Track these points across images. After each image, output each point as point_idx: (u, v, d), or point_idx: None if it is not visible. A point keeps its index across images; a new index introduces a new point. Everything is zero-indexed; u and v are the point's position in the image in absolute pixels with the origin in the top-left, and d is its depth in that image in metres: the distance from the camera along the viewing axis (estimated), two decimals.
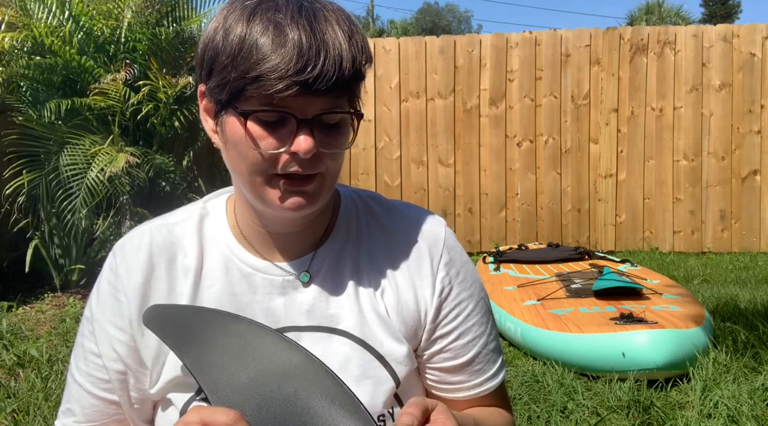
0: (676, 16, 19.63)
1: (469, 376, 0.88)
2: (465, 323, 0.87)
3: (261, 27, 0.70)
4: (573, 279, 3.85)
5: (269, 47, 0.69)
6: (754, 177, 6.29)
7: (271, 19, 0.70)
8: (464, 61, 6.45)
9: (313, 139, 0.72)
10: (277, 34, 0.69)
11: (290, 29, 0.69)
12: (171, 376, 0.80)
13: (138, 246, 0.84)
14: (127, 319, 0.82)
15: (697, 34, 6.33)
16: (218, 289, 0.83)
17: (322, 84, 0.69)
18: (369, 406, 0.80)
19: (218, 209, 0.88)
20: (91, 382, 0.84)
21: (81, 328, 0.86)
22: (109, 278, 0.84)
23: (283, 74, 0.68)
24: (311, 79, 0.69)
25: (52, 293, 4.60)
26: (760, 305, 3.82)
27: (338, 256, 0.86)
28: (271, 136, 0.73)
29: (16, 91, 4.82)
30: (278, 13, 0.71)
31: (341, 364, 0.81)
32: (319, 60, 0.69)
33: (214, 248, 0.85)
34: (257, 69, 0.69)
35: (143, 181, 4.73)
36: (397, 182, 6.53)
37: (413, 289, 0.85)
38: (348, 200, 0.90)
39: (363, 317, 0.83)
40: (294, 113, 0.72)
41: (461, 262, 0.89)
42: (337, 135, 0.76)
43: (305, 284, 0.84)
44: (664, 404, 2.56)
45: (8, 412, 2.52)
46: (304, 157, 0.72)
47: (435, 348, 0.86)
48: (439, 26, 38.98)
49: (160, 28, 5.09)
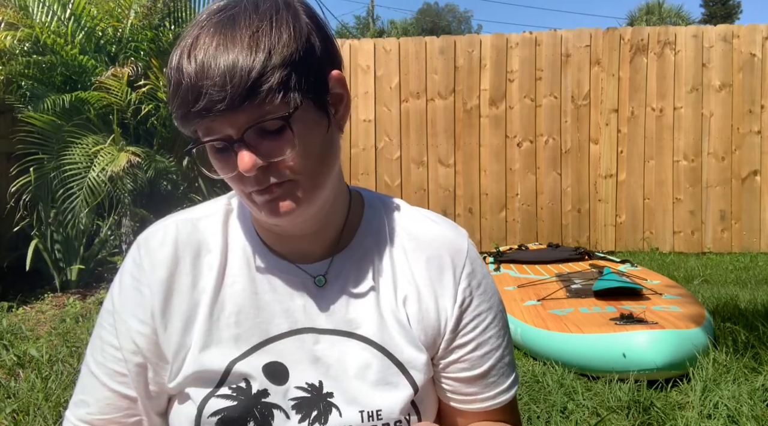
0: (676, 16, 19.65)
1: (482, 388, 0.88)
2: (483, 335, 0.87)
3: (171, 64, 0.73)
4: (573, 279, 3.85)
5: (174, 85, 0.72)
6: (754, 177, 6.29)
7: (179, 53, 0.72)
8: (464, 61, 6.46)
9: (254, 153, 0.72)
10: (178, 68, 0.71)
11: (186, 60, 0.71)
12: (191, 370, 0.81)
13: (163, 240, 0.84)
14: (150, 312, 0.82)
15: (697, 34, 6.33)
16: (240, 287, 0.83)
17: (219, 105, 0.69)
18: (386, 412, 0.81)
19: (243, 206, 0.88)
20: (107, 375, 0.84)
21: (100, 320, 0.86)
22: (132, 271, 0.84)
23: (188, 107, 0.70)
24: (207, 105, 0.69)
25: (52, 293, 4.60)
26: (760, 305, 3.82)
27: (360, 261, 0.86)
28: (225, 162, 0.75)
29: (16, 91, 4.82)
30: (186, 39, 0.73)
31: (360, 369, 0.82)
32: (205, 82, 0.69)
33: (238, 246, 0.85)
34: (175, 108, 0.72)
35: (144, 181, 4.73)
36: (397, 182, 6.53)
37: (434, 298, 0.86)
38: (372, 206, 0.90)
39: (383, 323, 0.83)
40: (226, 135, 0.73)
41: (482, 274, 0.90)
42: (282, 140, 0.73)
43: (324, 287, 0.84)
44: (664, 404, 2.56)
45: (8, 412, 2.51)
46: (248, 174, 0.73)
47: (452, 357, 0.87)
48: (439, 26, 38.98)
49: (161, 29, 5.10)
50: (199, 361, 0.81)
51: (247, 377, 0.81)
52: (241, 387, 0.80)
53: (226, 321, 0.82)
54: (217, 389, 0.80)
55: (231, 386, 0.80)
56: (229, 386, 0.80)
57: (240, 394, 0.80)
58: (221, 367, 0.81)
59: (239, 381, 0.81)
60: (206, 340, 0.81)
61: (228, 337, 0.82)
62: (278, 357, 0.82)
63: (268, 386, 0.81)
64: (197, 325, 0.82)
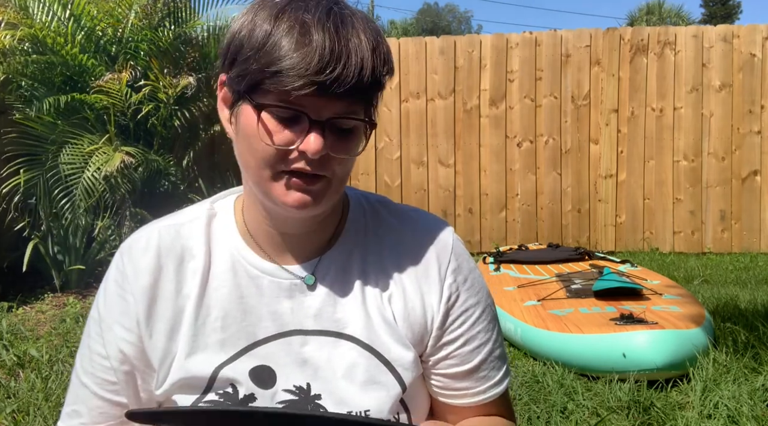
0: (676, 16, 19.64)
1: (474, 383, 0.87)
2: (471, 330, 0.87)
3: (287, 26, 0.71)
4: (573, 279, 3.84)
5: (292, 45, 0.70)
6: (754, 177, 6.29)
7: (299, 19, 0.72)
8: (464, 61, 6.45)
9: (324, 140, 0.73)
10: (302, 33, 0.71)
11: (315, 30, 0.71)
12: (177, 377, 0.80)
13: (146, 247, 0.84)
14: (135, 319, 0.81)
15: (698, 34, 6.33)
16: (226, 291, 0.83)
17: (339, 88, 0.70)
18: (375, 411, 0.80)
19: (226, 210, 0.88)
20: (97, 384, 0.84)
21: (87, 329, 0.86)
22: (116, 278, 0.84)
23: (302, 73, 0.69)
24: (329, 82, 0.70)
25: (52, 293, 4.60)
26: (760, 306, 3.82)
27: (346, 261, 0.86)
28: (283, 132, 0.74)
29: (15, 91, 4.82)
30: (306, 14, 0.72)
31: (348, 369, 0.81)
32: (339, 64, 0.70)
33: (222, 250, 0.85)
34: (278, 64, 0.70)
35: (140, 181, 4.73)
36: (397, 182, 6.53)
37: (420, 295, 0.85)
38: (356, 204, 0.90)
39: (370, 322, 0.83)
40: (308, 113, 0.73)
41: (469, 268, 0.89)
42: (349, 140, 0.76)
43: (311, 288, 0.84)
44: (664, 405, 2.56)
45: (8, 412, 2.51)
46: (312, 157, 0.73)
47: (441, 354, 0.86)
48: (439, 26, 38.97)
49: (161, 29, 5.10)
50: (185, 367, 0.80)
51: (234, 382, 0.80)
52: (228, 392, 0.80)
53: (212, 326, 0.82)
54: (204, 395, 0.80)
55: (218, 392, 0.80)
56: (216, 392, 0.80)
57: (227, 400, 0.80)
58: (207, 373, 0.80)
59: (226, 386, 0.80)
60: (192, 346, 0.81)
61: (214, 341, 0.81)
62: (265, 360, 0.81)
63: (255, 390, 0.80)
64: (182, 332, 0.81)
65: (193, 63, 5.42)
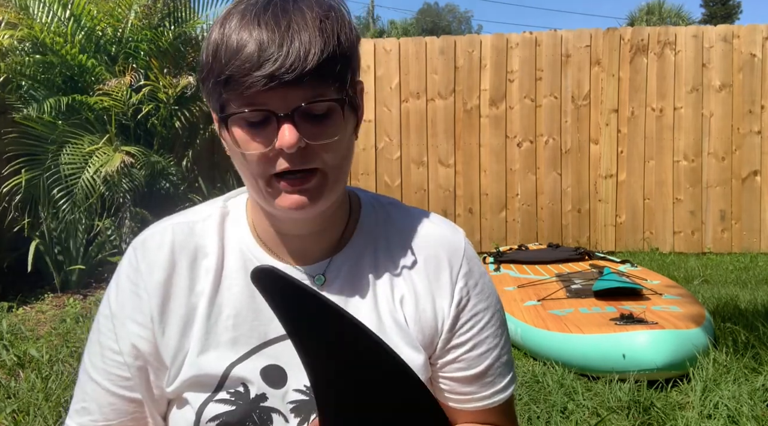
0: (676, 16, 19.63)
1: (479, 388, 0.87)
2: (480, 334, 0.87)
3: (229, 31, 0.72)
4: (573, 279, 3.85)
5: (234, 48, 0.71)
6: (754, 177, 6.29)
7: (240, 21, 0.72)
8: (464, 61, 6.45)
9: (297, 132, 0.72)
10: (241, 35, 0.71)
11: (254, 27, 0.71)
12: (189, 374, 0.80)
13: (160, 243, 0.83)
14: (148, 315, 0.81)
15: (698, 34, 6.33)
16: (238, 290, 0.83)
17: (288, 74, 0.69)
18: None
19: (238, 209, 0.88)
20: (109, 380, 0.83)
21: (97, 325, 0.85)
22: (128, 274, 0.83)
23: (248, 71, 0.69)
24: (276, 71, 0.69)
25: (53, 293, 4.60)
26: (760, 306, 3.82)
27: (357, 262, 0.85)
28: (256, 138, 0.74)
29: (16, 91, 4.82)
30: (246, 15, 0.72)
31: None
32: (281, 50, 0.69)
33: (234, 248, 0.85)
34: (226, 71, 0.71)
35: (140, 181, 4.73)
36: (397, 182, 6.53)
37: (431, 297, 0.85)
38: (368, 206, 0.90)
39: (381, 324, 0.83)
40: (272, 109, 0.72)
41: (479, 273, 0.89)
42: (325, 125, 0.74)
43: (322, 288, 0.83)
44: (664, 405, 2.56)
45: (8, 412, 2.51)
46: (288, 151, 0.72)
47: (449, 357, 0.86)
48: (439, 26, 38.97)
49: (161, 29, 5.10)
50: (197, 364, 0.80)
51: (245, 381, 0.80)
52: (239, 391, 0.80)
53: (224, 324, 0.82)
54: (215, 394, 0.80)
55: (229, 391, 0.80)
56: (227, 391, 0.80)
57: (238, 399, 0.80)
58: (219, 371, 0.80)
59: (237, 385, 0.80)
60: (204, 344, 0.81)
61: (226, 340, 0.81)
62: (276, 360, 0.81)
63: (266, 390, 0.80)
64: (195, 329, 0.81)
65: (193, 63, 5.42)
